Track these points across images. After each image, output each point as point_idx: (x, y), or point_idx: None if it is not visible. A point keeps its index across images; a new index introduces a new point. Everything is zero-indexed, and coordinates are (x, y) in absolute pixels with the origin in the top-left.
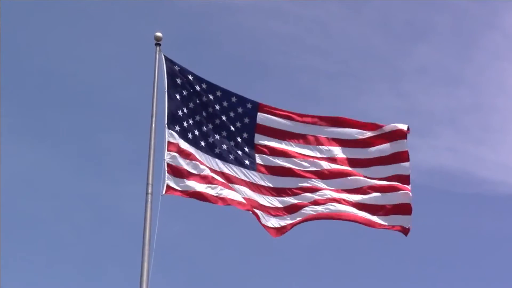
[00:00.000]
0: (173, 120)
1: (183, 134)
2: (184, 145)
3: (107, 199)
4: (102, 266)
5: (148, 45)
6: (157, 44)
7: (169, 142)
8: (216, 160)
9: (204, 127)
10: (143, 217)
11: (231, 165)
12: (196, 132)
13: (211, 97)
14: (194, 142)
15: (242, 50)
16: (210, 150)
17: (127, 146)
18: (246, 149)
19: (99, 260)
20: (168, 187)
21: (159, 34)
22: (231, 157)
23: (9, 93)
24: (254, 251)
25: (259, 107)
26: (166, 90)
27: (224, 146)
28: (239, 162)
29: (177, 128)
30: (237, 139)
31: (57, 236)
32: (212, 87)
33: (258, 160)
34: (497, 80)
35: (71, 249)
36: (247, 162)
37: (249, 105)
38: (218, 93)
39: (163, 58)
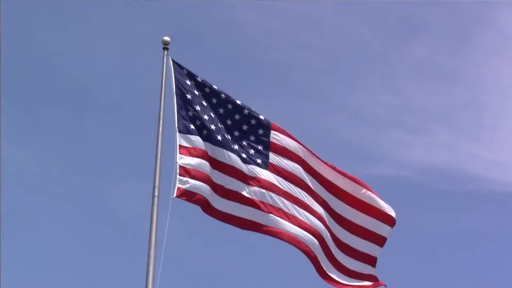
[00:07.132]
0: (185, 121)
1: (197, 132)
2: (198, 144)
3: (103, 197)
4: (99, 264)
5: (144, 42)
6: (165, 48)
7: (180, 146)
8: (231, 153)
9: (218, 124)
10: (140, 215)
11: (245, 164)
12: (212, 126)
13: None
14: (208, 138)
15: (235, 46)
16: (225, 145)
17: (124, 144)
18: (260, 147)
19: (96, 258)
20: (179, 190)
21: (167, 38)
22: (243, 156)
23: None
24: (254, 250)
25: (271, 125)
26: (174, 93)
27: (236, 146)
28: (251, 161)
29: (191, 126)
30: (249, 138)
31: (54, 234)
32: (222, 100)
33: (271, 159)
34: (491, 78)
35: (67, 247)
36: (259, 160)
37: (262, 120)
38: (230, 106)
39: (171, 62)
